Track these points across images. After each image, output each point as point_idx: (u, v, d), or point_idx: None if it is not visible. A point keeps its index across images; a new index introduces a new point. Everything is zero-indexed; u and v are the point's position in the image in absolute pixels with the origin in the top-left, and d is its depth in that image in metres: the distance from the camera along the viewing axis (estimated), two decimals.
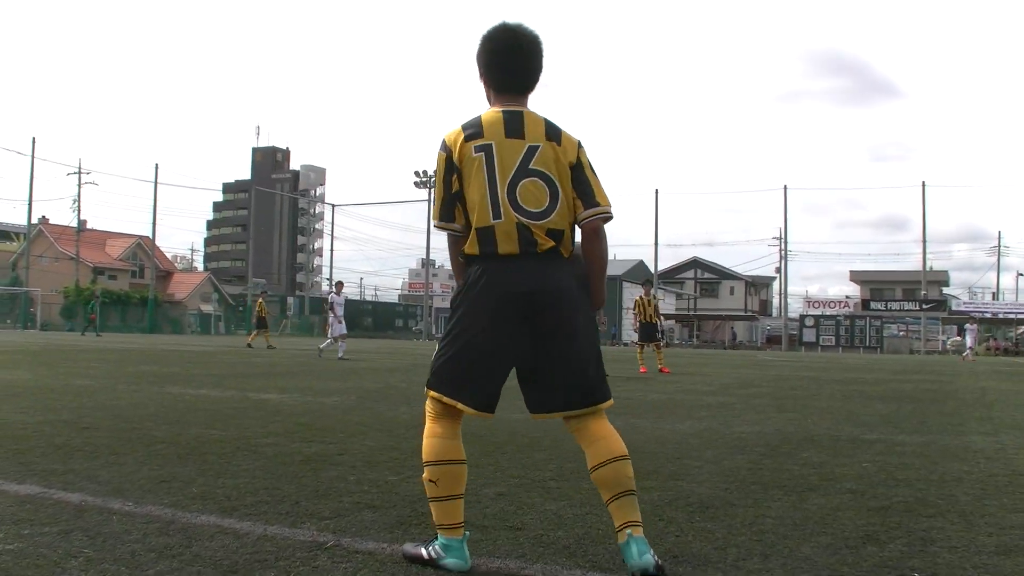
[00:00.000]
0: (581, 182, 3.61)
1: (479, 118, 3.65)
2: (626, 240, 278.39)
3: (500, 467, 6.00)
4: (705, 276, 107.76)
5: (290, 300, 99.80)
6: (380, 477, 5.52)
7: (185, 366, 18.04)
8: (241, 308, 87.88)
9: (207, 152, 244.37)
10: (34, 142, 72.82)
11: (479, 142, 3.57)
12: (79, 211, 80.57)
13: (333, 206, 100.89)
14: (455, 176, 3.60)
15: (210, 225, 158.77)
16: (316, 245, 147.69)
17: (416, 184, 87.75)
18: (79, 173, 79.29)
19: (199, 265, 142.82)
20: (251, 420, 8.36)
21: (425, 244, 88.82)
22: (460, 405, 3.55)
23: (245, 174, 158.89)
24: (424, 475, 3.60)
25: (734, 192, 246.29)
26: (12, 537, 3.79)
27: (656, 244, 76.79)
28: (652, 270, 79.84)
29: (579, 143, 3.68)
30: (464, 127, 3.63)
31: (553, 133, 3.63)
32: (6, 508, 4.35)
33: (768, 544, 4.07)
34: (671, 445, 7.26)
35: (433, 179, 9.45)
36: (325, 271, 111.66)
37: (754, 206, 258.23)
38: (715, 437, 7.88)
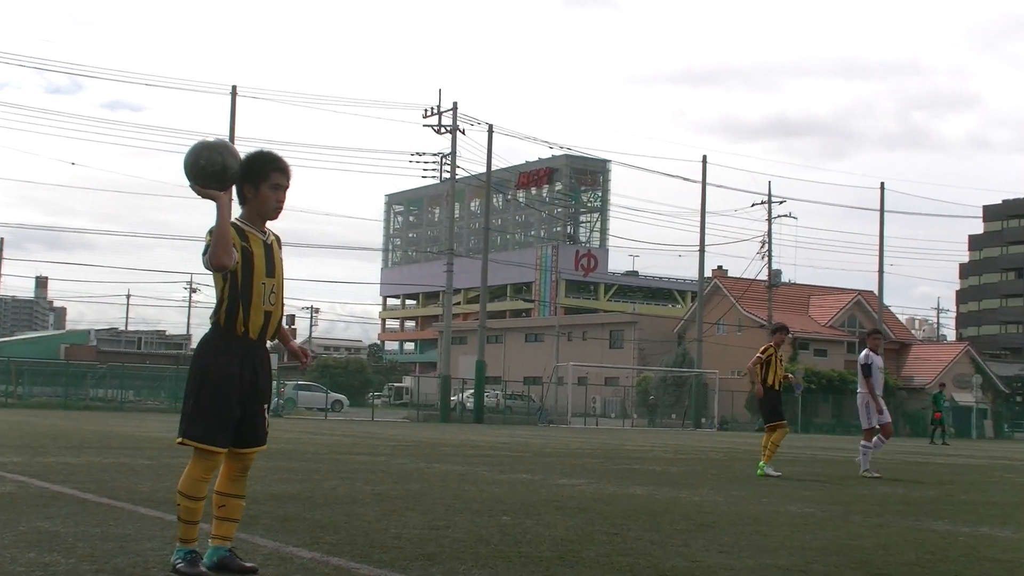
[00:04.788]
0: None
1: None
2: None
3: None
4: None
5: None
6: None
7: (943, 487, 18.07)
8: (1020, 397, 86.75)
9: (957, 162, 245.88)
10: (704, 163, 77.34)
11: None
12: (770, 257, 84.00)
13: None
14: None
15: (965, 271, 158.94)
16: None
17: None
18: (768, 203, 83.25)
19: (950, 333, 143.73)
20: None
21: None
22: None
23: (1019, 189, 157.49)
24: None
25: None
26: None
27: None
28: None
29: None
30: None
31: None
32: None
33: None
34: None
35: None
36: None
37: None
38: None
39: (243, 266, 6.55)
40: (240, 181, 6.64)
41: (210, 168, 6.34)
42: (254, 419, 6.68)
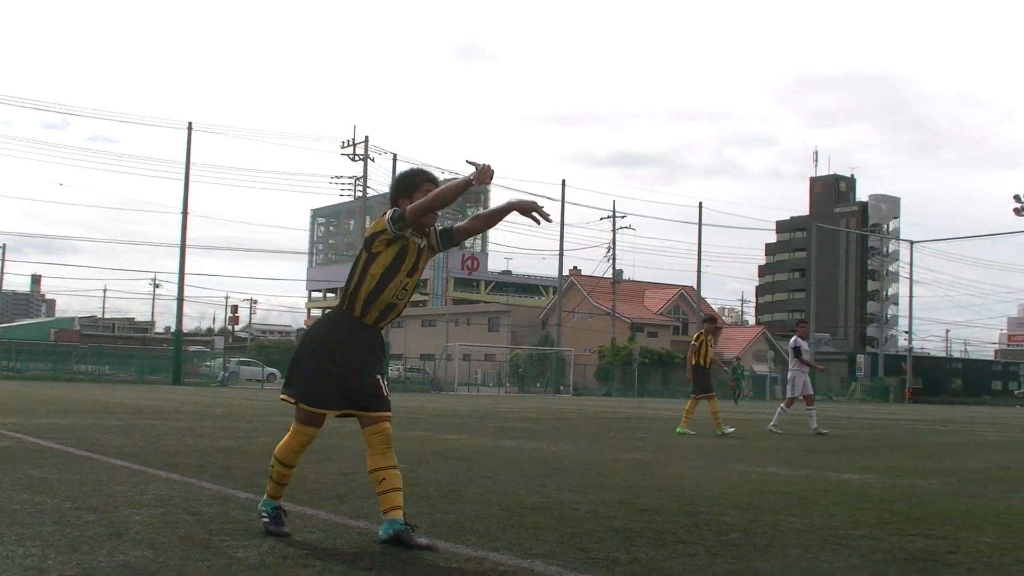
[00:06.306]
0: None
1: None
2: None
3: None
4: None
5: (860, 358, 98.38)
6: None
7: (744, 438, 18.33)
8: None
9: (758, 187, 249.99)
10: (564, 185, 77.65)
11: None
12: (613, 260, 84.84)
13: (911, 243, 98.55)
14: None
15: (763, 271, 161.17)
16: (890, 291, 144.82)
17: (1017, 211, 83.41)
18: (613, 217, 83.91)
19: (750, 318, 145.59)
20: (834, 506, 8.25)
21: None
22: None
23: (802, 209, 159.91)
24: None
25: None
26: None
27: None
28: None
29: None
30: None
31: None
32: None
33: None
34: None
35: None
36: (902, 323, 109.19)
37: None
38: None
39: (395, 258, 5.86)
40: (394, 196, 6.05)
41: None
42: (372, 387, 5.89)
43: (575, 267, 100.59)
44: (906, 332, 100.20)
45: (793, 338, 21.60)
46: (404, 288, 5.96)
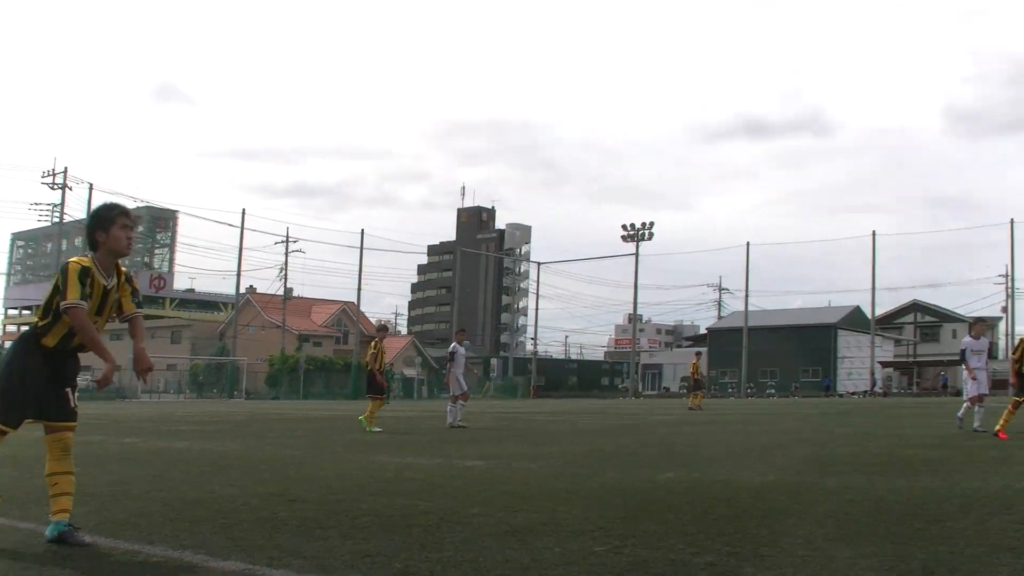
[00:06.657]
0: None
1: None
2: (842, 286, 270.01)
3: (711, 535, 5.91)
4: (926, 320, 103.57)
5: (494, 362, 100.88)
6: (585, 547, 5.50)
7: (390, 434, 18.47)
8: (444, 372, 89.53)
9: (413, 216, 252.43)
10: (244, 214, 76.16)
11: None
12: (285, 279, 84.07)
13: (538, 264, 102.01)
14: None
15: (415, 288, 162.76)
16: (521, 304, 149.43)
17: (624, 238, 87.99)
18: (286, 241, 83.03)
19: (403, 329, 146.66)
20: (457, 489, 8.46)
21: (632, 299, 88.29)
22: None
23: (451, 235, 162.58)
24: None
25: (956, 229, 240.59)
26: None
27: (873, 289, 79.30)
28: (869, 315, 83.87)
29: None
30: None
31: None
32: None
33: None
34: None
35: None
36: (530, 331, 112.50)
37: (977, 242, 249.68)
38: None
39: None
40: (91, 229, 5.72)
41: None
42: (61, 400, 5.68)
43: (251, 286, 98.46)
44: (532, 339, 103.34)
45: (452, 344, 22.04)
46: (94, 325, 5.76)
